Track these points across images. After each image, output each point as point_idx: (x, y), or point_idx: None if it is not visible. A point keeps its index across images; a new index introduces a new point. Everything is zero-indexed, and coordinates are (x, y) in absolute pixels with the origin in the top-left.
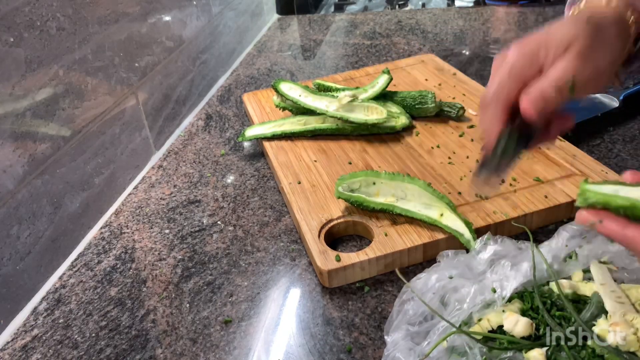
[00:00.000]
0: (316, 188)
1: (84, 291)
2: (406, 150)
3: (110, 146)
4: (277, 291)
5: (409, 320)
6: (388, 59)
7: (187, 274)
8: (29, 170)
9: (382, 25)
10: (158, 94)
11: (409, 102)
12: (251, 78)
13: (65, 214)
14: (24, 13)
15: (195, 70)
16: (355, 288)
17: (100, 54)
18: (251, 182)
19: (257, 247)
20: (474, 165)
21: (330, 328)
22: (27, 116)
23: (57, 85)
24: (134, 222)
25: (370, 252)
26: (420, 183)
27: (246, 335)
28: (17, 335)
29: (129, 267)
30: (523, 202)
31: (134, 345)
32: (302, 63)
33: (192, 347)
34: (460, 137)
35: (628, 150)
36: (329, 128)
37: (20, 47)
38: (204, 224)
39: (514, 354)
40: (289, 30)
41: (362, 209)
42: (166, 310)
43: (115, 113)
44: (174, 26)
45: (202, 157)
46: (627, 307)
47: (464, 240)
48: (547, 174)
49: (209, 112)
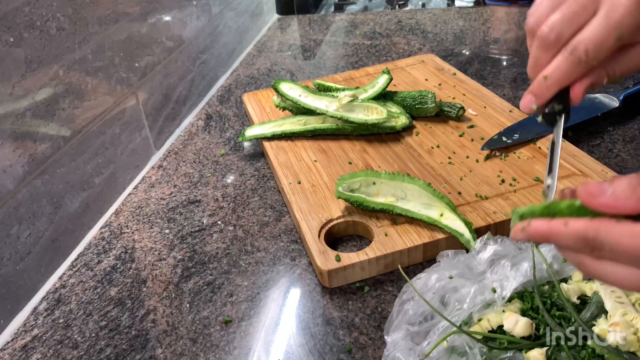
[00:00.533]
0: (316, 188)
1: (84, 291)
2: (406, 150)
3: (110, 146)
4: (277, 291)
5: (409, 320)
6: (388, 59)
7: (187, 274)
8: (29, 170)
9: (382, 25)
10: (158, 94)
11: (409, 102)
12: (251, 78)
13: (65, 214)
14: (24, 13)
15: (195, 70)
16: (355, 288)
17: (100, 54)
18: (251, 182)
19: (257, 247)
20: (474, 165)
21: (330, 328)
22: (27, 116)
23: (57, 85)
24: (134, 222)
25: (370, 252)
26: (420, 183)
27: (246, 335)
28: (17, 335)
29: (129, 267)
30: (523, 202)
31: (134, 345)
32: (302, 63)
33: (192, 347)
34: (460, 137)
35: (628, 150)
36: (329, 128)
37: (20, 47)
38: (204, 224)
39: (514, 354)
40: (289, 30)
41: (362, 209)
42: (166, 310)
43: (115, 113)
44: (174, 26)
45: (202, 157)
46: (627, 307)
47: (464, 240)
48: None
49: (209, 112)
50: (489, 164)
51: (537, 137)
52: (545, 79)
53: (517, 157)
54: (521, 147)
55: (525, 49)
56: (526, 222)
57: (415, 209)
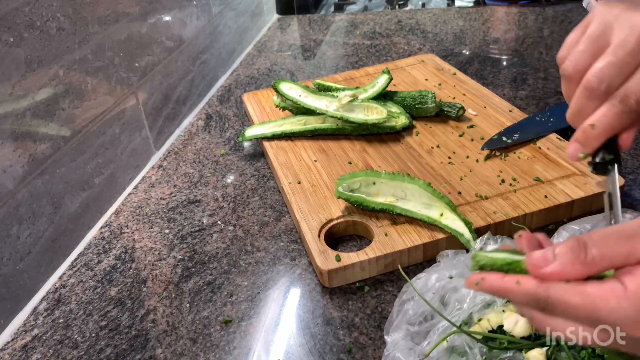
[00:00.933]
0: (316, 188)
1: (84, 291)
2: (406, 150)
3: (110, 146)
4: (277, 291)
5: (409, 320)
6: (388, 59)
7: (187, 273)
8: (29, 170)
9: (382, 25)
10: (158, 94)
11: (409, 102)
12: (251, 78)
13: (65, 214)
14: (24, 13)
15: (195, 70)
16: (355, 288)
17: (100, 54)
18: (251, 182)
19: (257, 247)
20: (474, 165)
21: (330, 328)
22: (27, 116)
23: (57, 85)
24: (134, 222)
25: (370, 252)
26: (420, 183)
27: (246, 335)
28: (17, 335)
29: (129, 267)
30: (523, 202)
31: (134, 345)
32: (302, 63)
33: (192, 347)
34: (460, 137)
35: (628, 150)
36: (329, 128)
37: (20, 47)
38: (204, 224)
39: (514, 354)
40: (289, 30)
41: (362, 209)
42: (166, 310)
43: (115, 113)
44: (174, 26)
45: (202, 157)
46: None
47: (464, 240)
48: (547, 174)
49: (209, 112)
50: (489, 164)
51: (537, 137)
52: (592, 127)
53: (517, 157)
54: (521, 147)
55: (524, 48)
56: (480, 276)
57: (415, 209)
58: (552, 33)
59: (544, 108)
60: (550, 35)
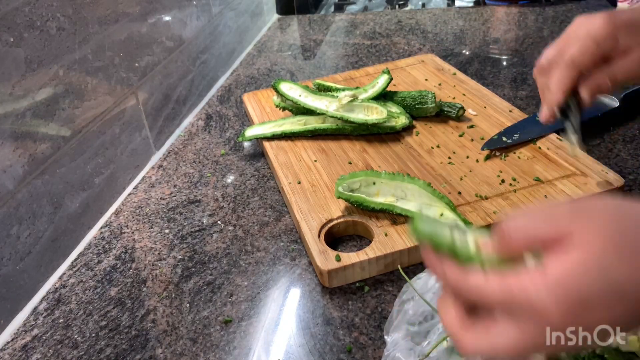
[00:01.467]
0: (316, 188)
1: (84, 291)
2: (406, 150)
3: (110, 146)
4: (277, 291)
5: (409, 320)
6: (388, 59)
7: (187, 273)
8: (29, 170)
9: (382, 25)
10: (158, 94)
11: (409, 102)
12: (251, 78)
13: (65, 214)
14: (24, 13)
15: (195, 70)
16: (355, 288)
17: (100, 54)
18: (251, 182)
19: (257, 247)
20: (474, 165)
21: (330, 328)
22: (27, 116)
23: (57, 85)
24: (134, 222)
25: (370, 252)
26: (420, 183)
27: (246, 335)
28: (17, 335)
29: (129, 267)
30: (523, 202)
31: (134, 345)
32: (302, 63)
33: (192, 347)
34: (460, 137)
35: (628, 150)
36: (329, 128)
37: (20, 47)
38: (204, 224)
39: None
40: (289, 30)
41: (362, 209)
42: (166, 310)
43: (115, 113)
44: (174, 26)
45: (202, 157)
46: None
47: None
48: (547, 174)
49: (209, 112)
50: (489, 164)
51: (537, 137)
52: (549, 88)
53: (517, 157)
54: (521, 147)
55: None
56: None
57: (415, 208)
58: (552, 33)
59: None
60: (550, 35)
